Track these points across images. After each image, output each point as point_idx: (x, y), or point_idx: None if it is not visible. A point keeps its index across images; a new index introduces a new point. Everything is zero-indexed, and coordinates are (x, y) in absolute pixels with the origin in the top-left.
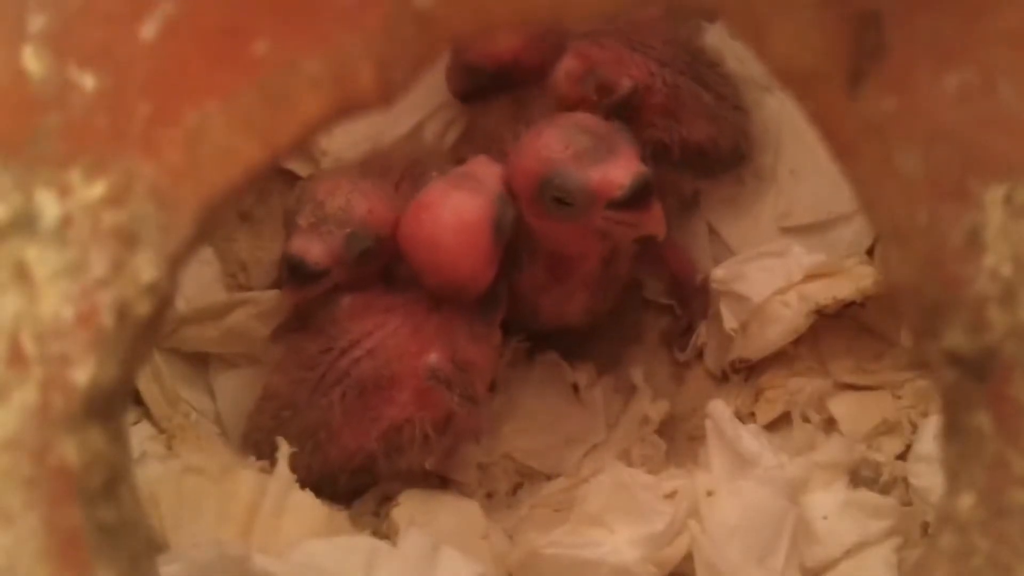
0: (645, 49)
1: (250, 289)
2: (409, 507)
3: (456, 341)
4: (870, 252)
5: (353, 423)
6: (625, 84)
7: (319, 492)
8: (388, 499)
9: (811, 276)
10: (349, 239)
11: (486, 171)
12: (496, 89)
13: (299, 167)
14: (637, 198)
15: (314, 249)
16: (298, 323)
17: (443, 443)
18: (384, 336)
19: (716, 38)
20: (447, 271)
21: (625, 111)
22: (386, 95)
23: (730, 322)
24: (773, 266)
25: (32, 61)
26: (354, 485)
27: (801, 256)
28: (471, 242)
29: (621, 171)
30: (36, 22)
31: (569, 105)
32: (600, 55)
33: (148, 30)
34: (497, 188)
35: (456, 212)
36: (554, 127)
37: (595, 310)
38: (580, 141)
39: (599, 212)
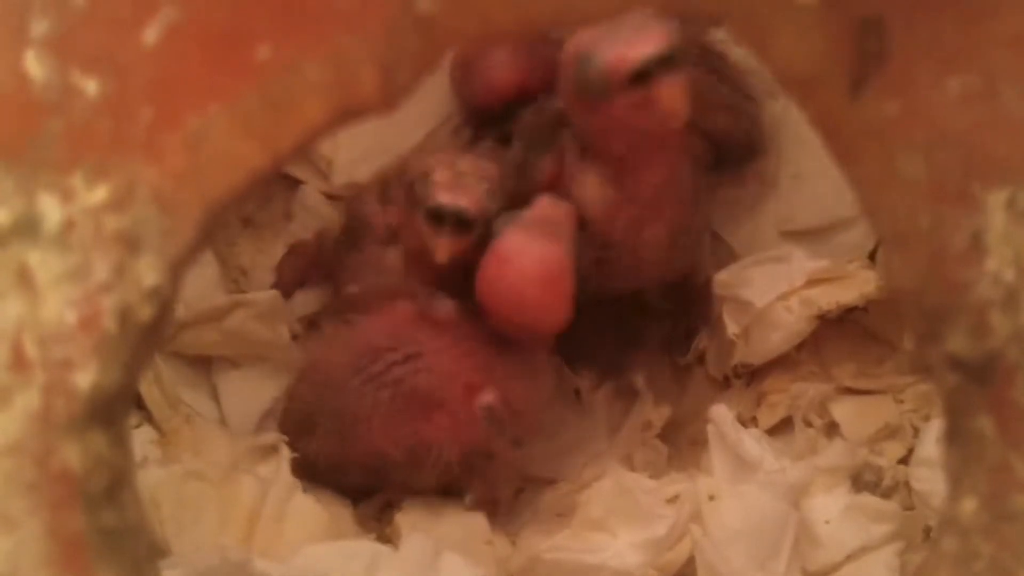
0: None
1: None
2: (412, 512)
3: (514, 381)
4: (872, 256)
5: (388, 428)
6: None
7: (324, 480)
8: (391, 504)
9: (813, 281)
10: (490, 193)
11: (557, 212)
12: (511, 115)
13: (301, 172)
14: (647, 75)
15: (463, 198)
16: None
17: (471, 475)
18: (448, 359)
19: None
20: (531, 323)
21: None
22: (388, 99)
23: (732, 327)
24: (775, 271)
25: (35, 66)
26: (360, 483)
27: (804, 261)
28: (558, 293)
29: (633, 47)
30: (39, 27)
31: None
32: None
33: (150, 35)
34: (571, 229)
35: (541, 264)
36: (597, 26)
37: (672, 260)
38: (614, 26)
39: (619, 95)
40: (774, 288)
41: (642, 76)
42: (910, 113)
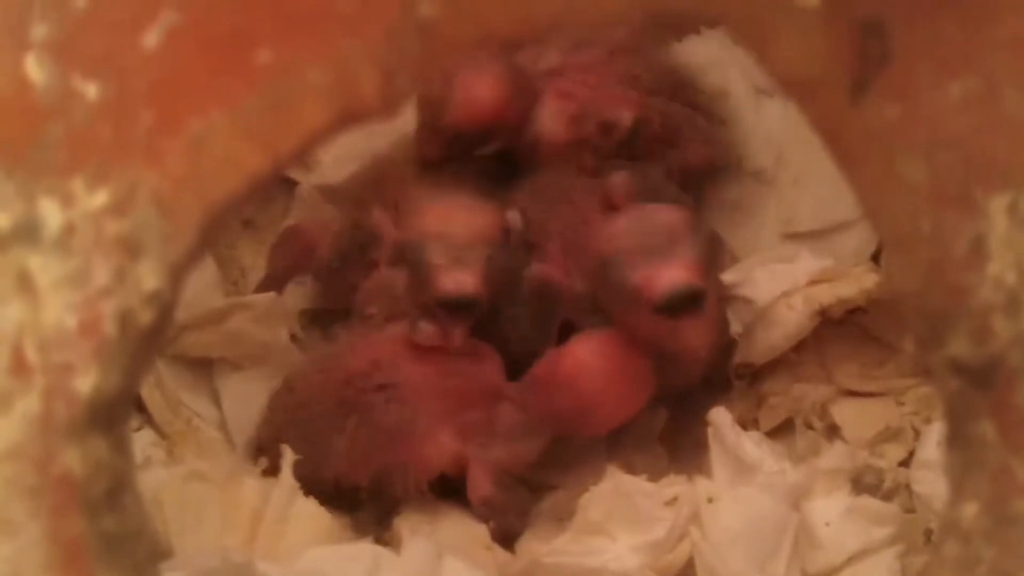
0: (632, 80)
1: None
2: (412, 516)
3: (509, 442)
4: (875, 259)
5: (352, 454)
6: (626, 118)
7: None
8: (391, 509)
9: (816, 280)
10: (490, 260)
11: None
12: (474, 149)
13: (300, 175)
14: (676, 308)
15: (467, 281)
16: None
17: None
18: (429, 394)
19: (700, 53)
20: (617, 417)
21: (629, 147)
22: (389, 104)
23: (735, 326)
24: (780, 270)
25: (35, 70)
26: (346, 496)
27: (808, 261)
28: (638, 394)
29: (664, 273)
30: (39, 31)
31: (562, 149)
32: (590, 94)
33: (151, 39)
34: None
35: (636, 363)
36: (629, 215)
37: (708, 361)
38: (647, 232)
39: (644, 311)
40: (777, 287)
41: (668, 308)
42: (911, 116)
